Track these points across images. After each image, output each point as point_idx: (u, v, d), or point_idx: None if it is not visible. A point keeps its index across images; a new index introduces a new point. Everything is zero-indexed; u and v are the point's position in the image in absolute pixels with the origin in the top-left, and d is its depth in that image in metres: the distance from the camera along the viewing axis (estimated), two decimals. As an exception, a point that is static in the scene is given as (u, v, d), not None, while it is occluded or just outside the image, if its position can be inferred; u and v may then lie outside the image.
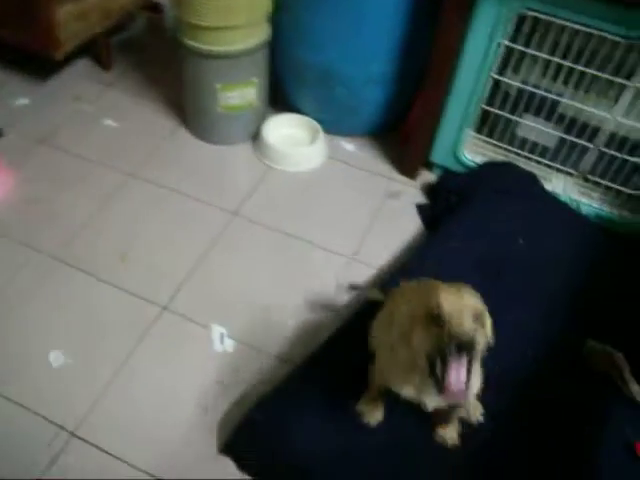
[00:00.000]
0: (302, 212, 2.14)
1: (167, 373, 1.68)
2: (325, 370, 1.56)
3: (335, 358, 1.60)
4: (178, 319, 1.80)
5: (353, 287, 1.90)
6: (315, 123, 2.33)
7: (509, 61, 1.94)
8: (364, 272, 1.96)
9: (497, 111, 2.05)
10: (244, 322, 1.81)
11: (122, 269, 1.91)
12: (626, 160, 1.98)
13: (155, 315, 1.81)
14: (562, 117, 2.01)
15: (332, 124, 2.35)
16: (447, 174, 2.23)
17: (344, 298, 1.89)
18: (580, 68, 1.86)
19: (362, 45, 2.07)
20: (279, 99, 2.44)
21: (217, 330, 1.78)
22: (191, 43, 2.05)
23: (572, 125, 1.99)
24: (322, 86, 2.21)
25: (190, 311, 1.82)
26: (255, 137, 2.34)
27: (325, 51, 2.11)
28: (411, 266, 1.85)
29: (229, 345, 1.75)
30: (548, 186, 2.13)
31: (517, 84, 1.98)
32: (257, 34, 2.09)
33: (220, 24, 1.98)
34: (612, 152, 1.98)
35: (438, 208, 2.13)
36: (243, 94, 2.18)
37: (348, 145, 2.40)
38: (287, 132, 2.36)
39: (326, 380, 1.54)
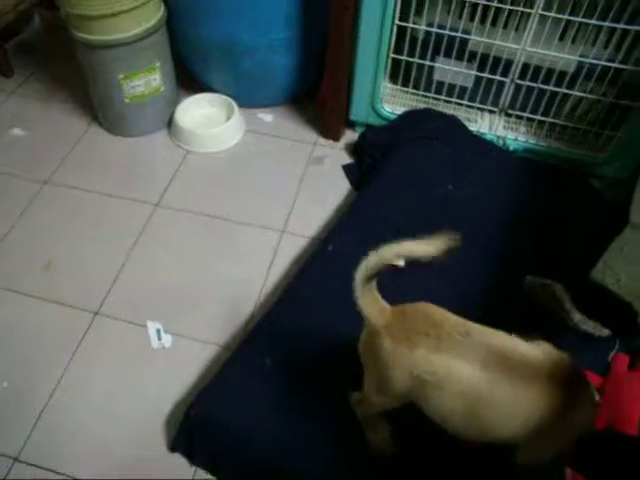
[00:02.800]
0: (227, 192, 2.08)
1: (107, 379, 1.62)
2: (261, 354, 1.51)
3: (270, 340, 1.55)
4: (112, 322, 1.74)
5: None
6: (228, 99, 2.25)
7: (411, 5, 1.88)
8: (297, 243, 1.92)
9: (407, 58, 2.00)
10: (179, 314, 1.75)
11: (47, 279, 1.83)
12: (543, 89, 1.95)
13: (87, 322, 1.74)
14: (473, 55, 1.96)
15: (246, 97, 2.27)
16: (368, 130, 2.18)
17: (279, 276, 1.84)
18: (483, 2, 1.81)
19: (260, 13, 2.00)
20: (187, 80, 2.35)
21: (153, 327, 1.72)
22: (84, 36, 1.95)
23: (485, 61, 1.95)
24: (228, 60, 2.13)
25: (123, 312, 1.76)
26: (170, 123, 2.25)
27: (224, 23, 2.03)
28: (341, 230, 1.80)
29: (167, 340, 1.69)
30: (473, 127, 2.10)
31: (423, 27, 1.92)
32: (150, 16, 1.99)
33: (108, 11, 1.88)
34: (528, 83, 1.95)
35: (364, 166, 2.08)
36: (148, 81, 2.09)
37: (266, 116, 2.33)
38: (201, 113, 2.28)
39: (263, 364, 1.50)
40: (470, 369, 1.07)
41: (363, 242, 1.73)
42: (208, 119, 2.26)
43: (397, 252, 1.05)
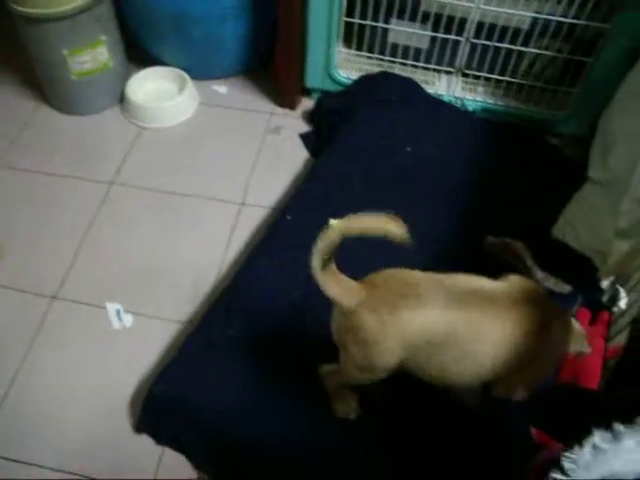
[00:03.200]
0: (183, 167, 2.03)
1: (69, 364, 1.59)
2: (223, 327, 1.49)
3: (232, 313, 1.52)
4: (70, 305, 1.70)
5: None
6: (181, 72, 2.19)
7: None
8: (257, 215, 1.89)
9: (360, 21, 1.96)
10: (139, 293, 1.71)
11: (1, 265, 1.78)
12: (499, 47, 1.93)
13: (45, 307, 1.69)
14: (427, 15, 1.93)
15: (198, 69, 2.21)
16: (324, 96, 2.14)
17: (239, 249, 1.81)
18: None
19: (208, -21, 1.94)
20: (138, 54, 2.27)
21: (112, 307, 1.69)
22: (22, 10, 1.86)
23: (438, 21, 1.92)
24: (178, 31, 2.07)
25: (81, 294, 1.72)
26: (121, 99, 2.19)
27: (173, -8, 1.97)
28: (299, 199, 1.77)
29: (127, 320, 1.66)
30: (430, 89, 2.08)
31: (374, -12, 1.89)
32: (93, -14, 1.91)
33: (47, -18, 1.80)
34: (483, 42, 1.93)
35: (322, 133, 2.05)
36: (94, 56, 2.01)
37: (220, 88, 2.27)
38: (153, 87, 2.21)
39: (225, 337, 1.48)
40: (455, 314, 1.08)
41: (322, 209, 1.73)
42: (161, 93, 2.19)
43: (344, 230, 1.00)
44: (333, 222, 1.00)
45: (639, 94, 1.72)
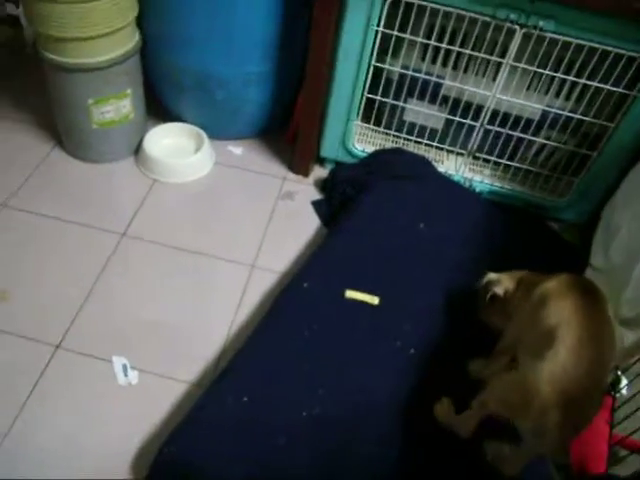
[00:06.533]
0: (195, 224, 2.04)
1: (69, 417, 1.54)
2: (237, 392, 1.48)
3: (243, 378, 1.52)
4: (74, 356, 1.66)
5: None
6: (199, 130, 2.23)
7: (388, 47, 1.92)
8: (268, 278, 1.89)
9: (381, 98, 2.03)
10: (147, 349, 1.69)
11: (3, 309, 1.74)
12: (510, 135, 2.02)
13: (48, 356, 1.65)
14: (446, 99, 2.02)
15: (216, 129, 2.25)
16: (338, 167, 2.19)
17: (249, 311, 1.81)
18: (456, 49, 1.87)
19: (237, 45, 1.99)
20: (158, 109, 2.31)
21: (119, 362, 1.65)
22: (54, 58, 1.89)
23: (456, 106, 2.01)
24: (201, 90, 2.11)
25: (87, 346, 1.68)
26: (137, 151, 2.21)
27: (200, 54, 2.02)
28: (315, 267, 1.80)
29: (134, 377, 1.63)
30: (440, 168, 2.15)
31: (398, 69, 1.97)
32: (125, 41, 1.95)
33: (83, 34, 1.82)
34: (496, 128, 2.01)
35: (334, 202, 2.09)
36: (118, 107, 2.04)
37: (236, 149, 2.32)
38: (170, 142, 2.24)
39: (239, 402, 1.46)
40: None
41: (338, 279, 1.77)
42: (177, 149, 2.22)
43: None
44: None
45: (640, 189, 1.82)
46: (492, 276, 1.60)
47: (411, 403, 1.54)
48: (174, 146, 2.23)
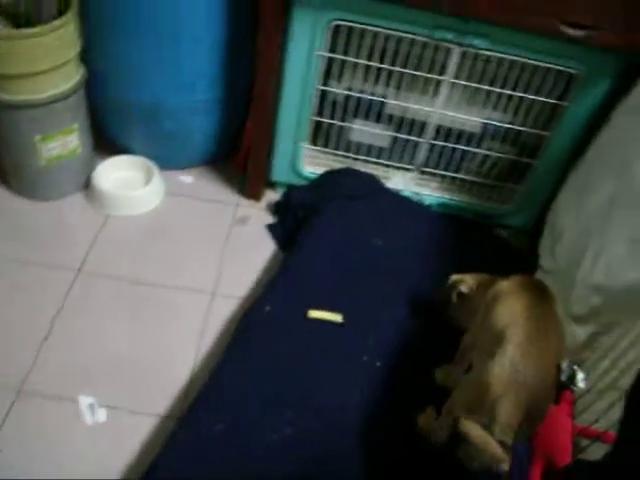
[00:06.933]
0: (151, 256, 2.02)
1: (36, 466, 1.49)
2: (210, 421, 1.47)
3: (215, 407, 1.51)
4: (37, 400, 1.62)
5: None
6: (148, 161, 2.21)
7: (332, 70, 1.97)
8: (229, 305, 1.90)
9: (328, 120, 2.08)
10: (113, 386, 1.66)
11: (-44, 357, 1.69)
12: (454, 148, 2.10)
13: (10, 402, 1.60)
14: (391, 117, 2.08)
15: (166, 159, 2.24)
16: (290, 190, 2.22)
17: (213, 339, 1.81)
18: (398, 69, 1.94)
19: (183, 75, 2.01)
20: (105, 142, 2.28)
21: (85, 401, 1.62)
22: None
23: (401, 123, 2.07)
24: (149, 122, 2.11)
25: (49, 388, 1.64)
26: (87, 186, 2.18)
27: (147, 85, 2.02)
28: (276, 290, 1.81)
29: (101, 415, 1.60)
30: (389, 184, 2.20)
31: (343, 92, 2.02)
32: (70, 76, 1.93)
33: (25, 70, 1.80)
34: (441, 143, 2.09)
35: (289, 225, 2.11)
36: (65, 143, 2.02)
37: (187, 178, 2.31)
38: (120, 175, 2.22)
39: (212, 430, 1.46)
40: None
41: (300, 300, 1.78)
42: (127, 182, 2.20)
43: None
44: None
45: (580, 191, 1.91)
46: (457, 276, 1.66)
47: (383, 414, 1.57)
48: (124, 179, 2.21)
